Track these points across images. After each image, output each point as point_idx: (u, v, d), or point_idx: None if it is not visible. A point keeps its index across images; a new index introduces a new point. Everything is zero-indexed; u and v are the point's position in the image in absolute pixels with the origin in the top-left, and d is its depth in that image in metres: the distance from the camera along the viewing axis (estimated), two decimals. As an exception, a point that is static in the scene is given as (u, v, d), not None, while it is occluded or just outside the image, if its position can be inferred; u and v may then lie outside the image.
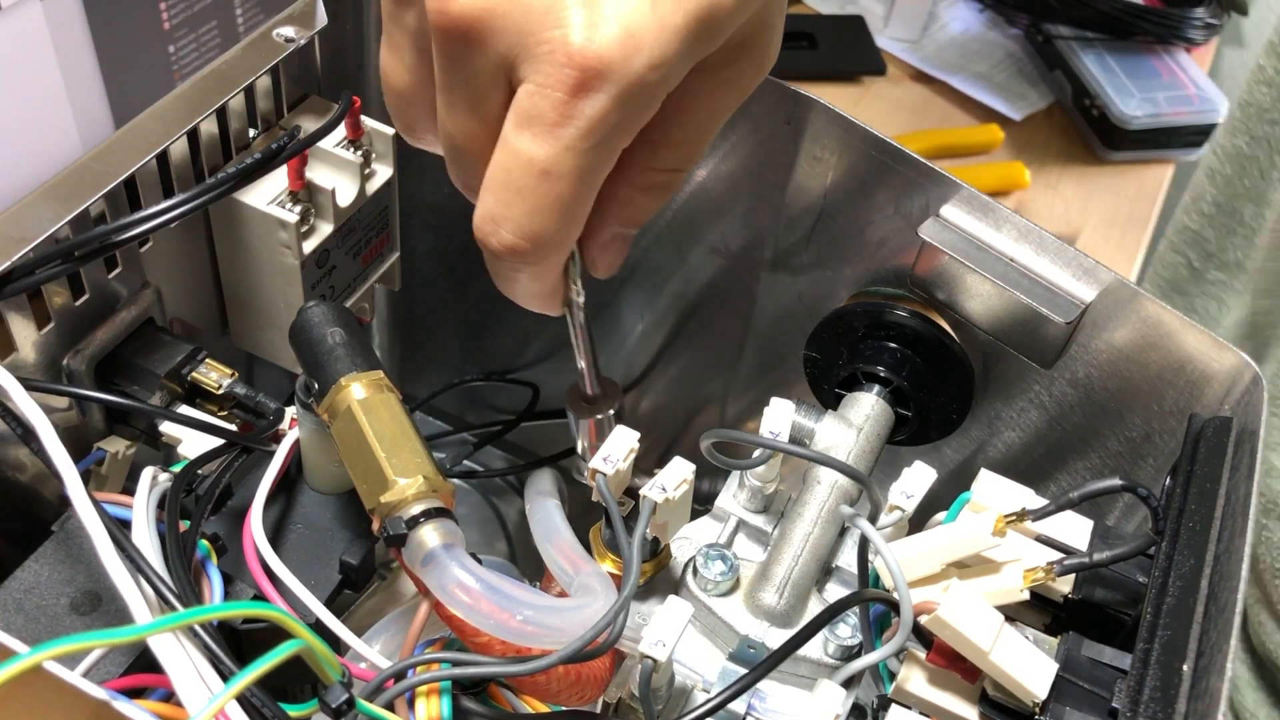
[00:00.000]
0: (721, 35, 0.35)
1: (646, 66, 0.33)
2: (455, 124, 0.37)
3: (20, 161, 0.53)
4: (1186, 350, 0.44)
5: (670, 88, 0.35)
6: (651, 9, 0.33)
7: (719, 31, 0.35)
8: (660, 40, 0.33)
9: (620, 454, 0.41)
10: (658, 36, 0.33)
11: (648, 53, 0.33)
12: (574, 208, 0.36)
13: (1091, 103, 1.02)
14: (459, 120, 0.36)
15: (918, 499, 0.42)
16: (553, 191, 0.35)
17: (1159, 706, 0.33)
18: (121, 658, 0.37)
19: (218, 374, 0.47)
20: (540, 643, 0.36)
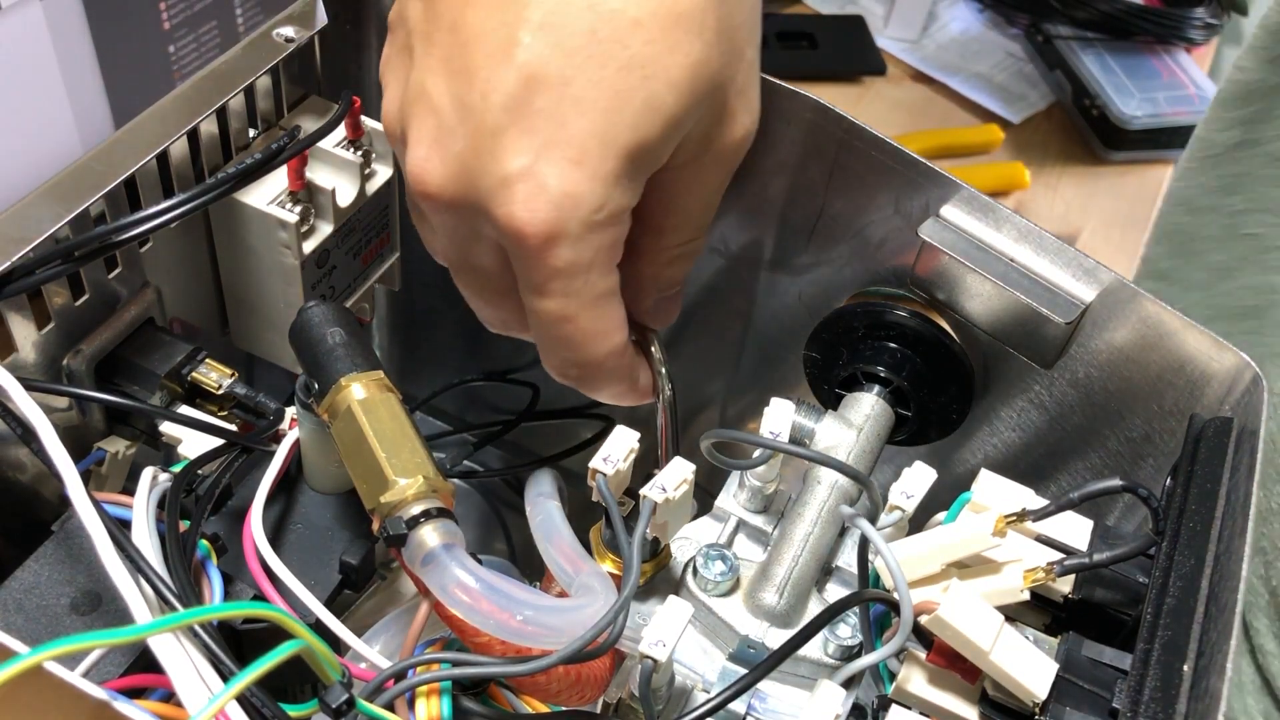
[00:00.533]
0: (660, 156, 0.39)
1: (589, 214, 0.38)
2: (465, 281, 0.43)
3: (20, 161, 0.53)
4: (1186, 350, 0.44)
5: (625, 210, 0.39)
6: (581, 166, 0.37)
7: (655, 157, 0.39)
8: (595, 190, 0.37)
9: (620, 454, 0.41)
10: (591, 188, 0.37)
11: (587, 204, 0.37)
12: (604, 325, 0.41)
13: (1091, 103, 1.02)
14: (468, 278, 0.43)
15: (918, 499, 0.42)
16: (579, 328, 0.41)
17: (1159, 707, 0.33)
18: (121, 658, 0.37)
19: (218, 374, 0.47)
20: (540, 643, 0.36)
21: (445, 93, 0.38)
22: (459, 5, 0.38)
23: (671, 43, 0.37)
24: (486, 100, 0.37)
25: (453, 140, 0.38)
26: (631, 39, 0.37)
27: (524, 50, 0.37)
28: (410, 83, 0.40)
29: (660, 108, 0.38)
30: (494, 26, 0.37)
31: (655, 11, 0.37)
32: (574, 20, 0.37)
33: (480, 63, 0.37)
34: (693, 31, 0.38)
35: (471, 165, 0.38)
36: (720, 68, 0.39)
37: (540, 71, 0.37)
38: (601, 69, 0.37)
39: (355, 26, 0.54)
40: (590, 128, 0.37)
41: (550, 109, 0.37)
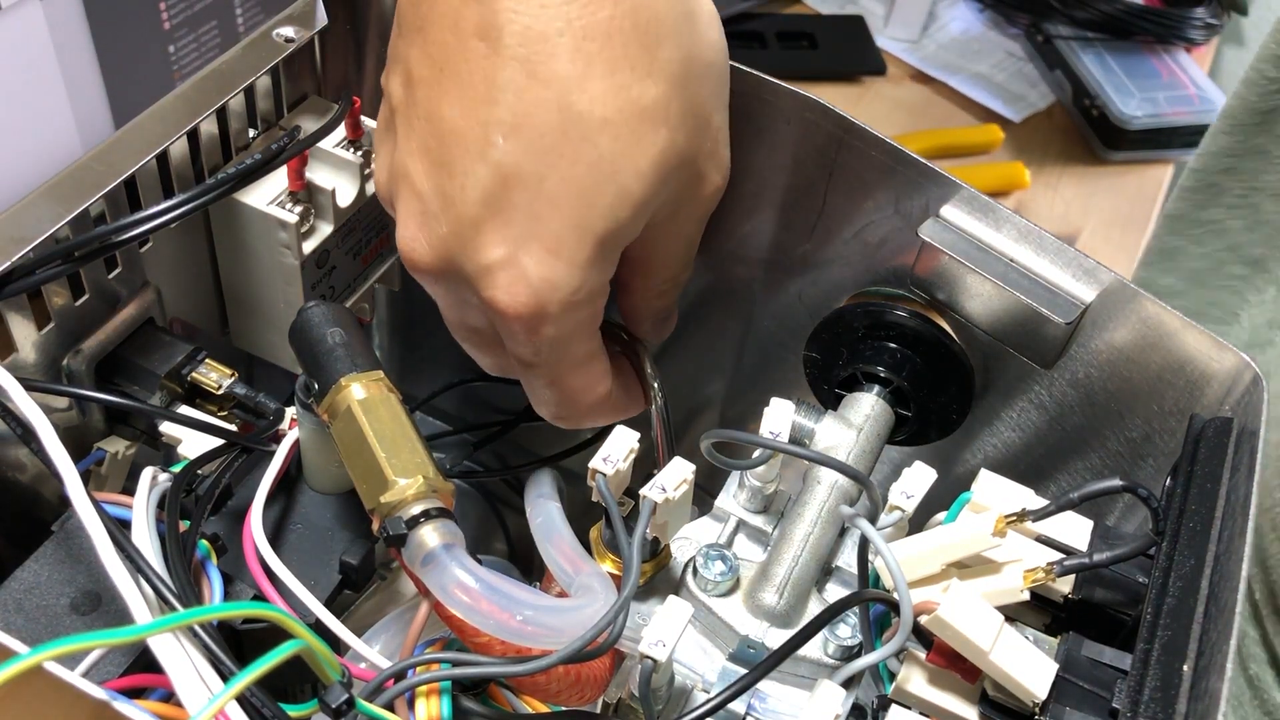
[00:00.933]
0: (633, 234, 0.41)
1: (568, 296, 0.40)
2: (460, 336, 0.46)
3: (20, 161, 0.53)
4: (1186, 350, 0.43)
5: (602, 286, 0.41)
6: (558, 255, 0.39)
7: (627, 236, 0.41)
8: (572, 275, 0.40)
9: (620, 454, 0.41)
10: (569, 273, 0.39)
11: (566, 287, 0.40)
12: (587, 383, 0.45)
13: (1091, 103, 1.02)
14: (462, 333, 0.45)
15: (918, 499, 0.42)
16: (564, 388, 0.44)
17: (1159, 707, 0.33)
18: (121, 658, 0.37)
19: (218, 374, 0.47)
20: (540, 643, 0.36)
21: (426, 179, 0.40)
22: (434, 97, 0.39)
23: (638, 137, 0.39)
24: (465, 194, 0.39)
25: (437, 225, 0.40)
26: (600, 137, 0.38)
27: (498, 150, 0.38)
28: (395, 161, 0.42)
29: (629, 196, 0.40)
30: (469, 124, 0.39)
31: (621, 108, 0.39)
32: (545, 121, 0.38)
33: (457, 157, 0.39)
34: (658, 122, 0.39)
35: (455, 250, 0.40)
36: (686, 147, 0.41)
37: (515, 170, 0.38)
38: (573, 167, 0.39)
39: (355, 26, 0.54)
40: (565, 220, 0.39)
41: (526, 205, 0.39)
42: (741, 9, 1.07)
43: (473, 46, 0.38)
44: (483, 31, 0.38)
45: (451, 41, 0.39)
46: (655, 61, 0.39)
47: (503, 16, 0.38)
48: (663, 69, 0.39)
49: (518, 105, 0.38)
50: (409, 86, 0.41)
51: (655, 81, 0.39)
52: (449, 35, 0.39)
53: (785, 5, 1.12)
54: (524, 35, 0.38)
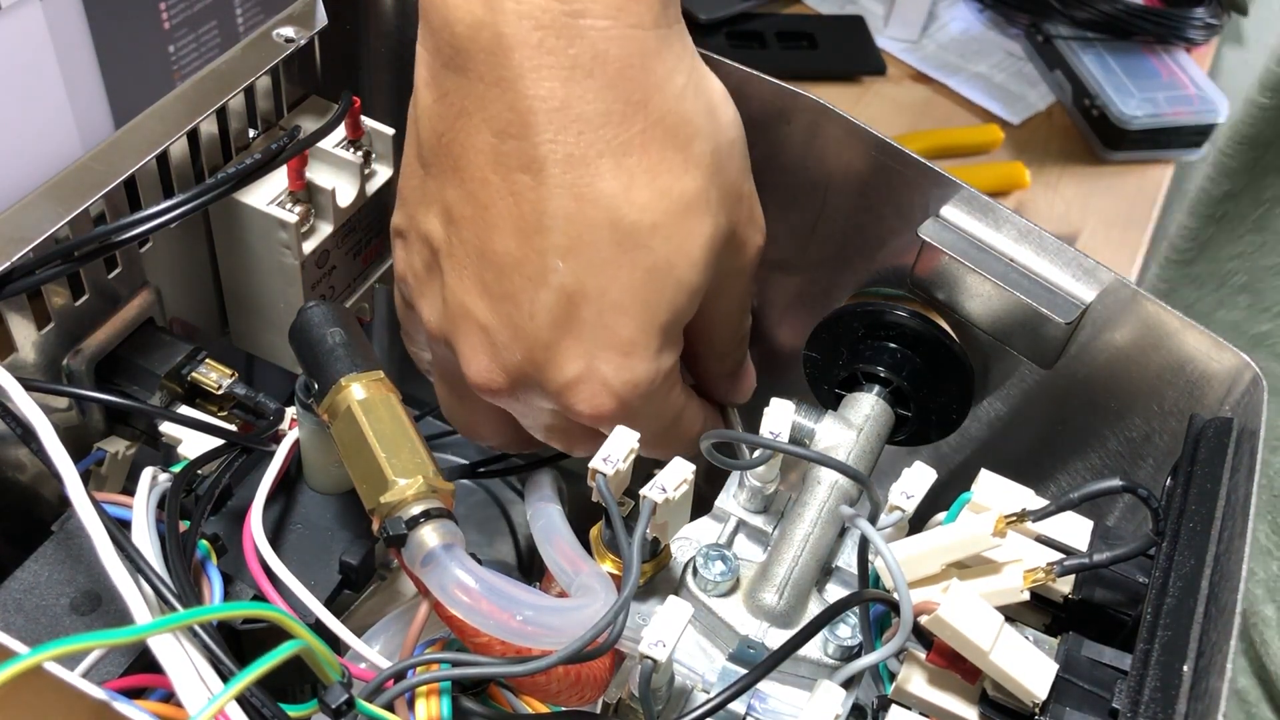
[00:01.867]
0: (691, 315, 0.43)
1: (648, 388, 0.42)
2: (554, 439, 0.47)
3: (20, 161, 0.53)
4: (1186, 350, 0.43)
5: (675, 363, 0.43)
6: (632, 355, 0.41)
7: (687, 319, 0.43)
8: (648, 368, 0.42)
9: (620, 454, 0.41)
10: (645, 368, 0.41)
11: (645, 382, 0.42)
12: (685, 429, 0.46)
13: (1091, 103, 1.02)
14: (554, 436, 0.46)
15: (918, 499, 0.42)
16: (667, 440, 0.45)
17: (1159, 707, 0.33)
18: (121, 658, 0.37)
19: (218, 374, 0.47)
20: (540, 643, 0.36)
21: (490, 313, 0.41)
22: (483, 233, 0.41)
23: (687, 230, 0.41)
24: (535, 320, 0.41)
25: (509, 354, 0.42)
26: (653, 241, 0.40)
27: (559, 274, 0.40)
28: (449, 302, 0.43)
29: (687, 285, 0.42)
30: (525, 254, 0.40)
31: (668, 210, 0.40)
32: (599, 238, 0.40)
33: (520, 286, 0.40)
34: (702, 212, 0.41)
35: (530, 373, 0.42)
36: (727, 224, 0.43)
37: (578, 289, 0.40)
38: (632, 274, 0.40)
39: (355, 26, 0.54)
40: (633, 323, 0.41)
41: (594, 318, 0.41)
42: (741, 9, 1.07)
43: (517, 180, 0.40)
44: (525, 166, 0.39)
45: (494, 179, 0.40)
46: (690, 158, 0.41)
47: (544, 149, 0.39)
48: (697, 163, 0.41)
49: (570, 229, 0.40)
50: (452, 226, 0.42)
51: (693, 176, 0.41)
52: (490, 174, 0.40)
53: (785, 5, 1.12)
54: (567, 163, 0.39)
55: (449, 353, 0.44)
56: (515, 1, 0.38)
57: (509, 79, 0.39)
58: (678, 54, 0.41)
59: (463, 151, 0.41)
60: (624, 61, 0.39)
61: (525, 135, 0.39)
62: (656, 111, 0.40)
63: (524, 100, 0.39)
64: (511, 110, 0.39)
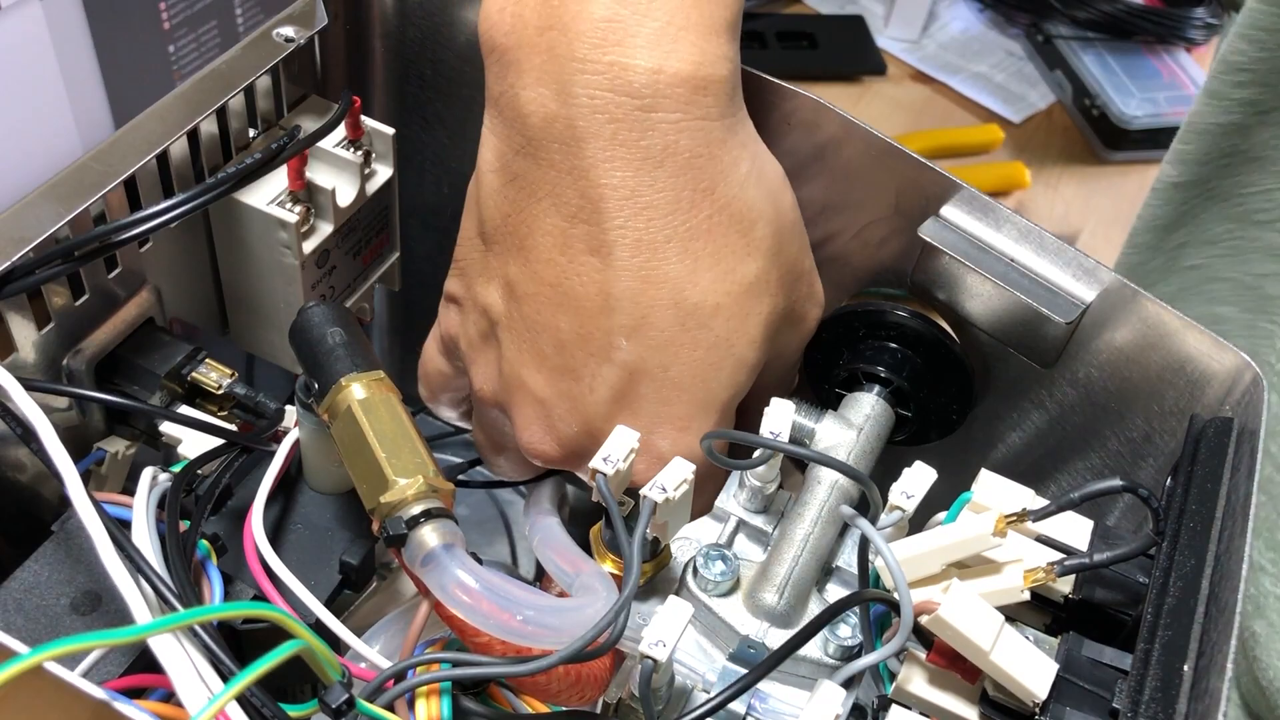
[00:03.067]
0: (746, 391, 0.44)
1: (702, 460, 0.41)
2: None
3: (20, 161, 0.53)
4: (1186, 350, 0.43)
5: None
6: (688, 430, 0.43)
7: (743, 395, 0.44)
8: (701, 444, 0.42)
9: (620, 454, 0.41)
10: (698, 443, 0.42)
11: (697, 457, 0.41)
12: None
13: (1091, 103, 1.02)
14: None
15: (918, 499, 0.42)
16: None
17: (1159, 707, 0.33)
18: (121, 658, 0.37)
19: (218, 374, 0.47)
20: (541, 643, 0.36)
21: (547, 386, 0.43)
22: (547, 311, 0.42)
23: (747, 312, 0.42)
24: (594, 394, 0.42)
25: (565, 426, 0.43)
26: (714, 322, 0.42)
27: (623, 352, 0.42)
28: (506, 373, 0.44)
29: (745, 363, 0.43)
30: (590, 331, 0.42)
31: (730, 291, 0.42)
32: (662, 319, 0.41)
33: (582, 361, 0.42)
34: (762, 293, 0.43)
35: (585, 443, 0.43)
36: (786, 303, 0.44)
37: (640, 366, 0.42)
38: (693, 353, 0.42)
39: (355, 26, 0.54)
40: (691, 401, 0.42)
41: (653, 394, 0.42)
42: (741, 9, 1.07)
43: (584, 262, 0.41)
44: (594, 249, 0.41)
45: (561, 260, 0.41)
46: (752, 242, 0.42)
47: (613, 234, 0.40)
48: (759, 246, 0.42)
49: (635, 310, 0.41)
50: (514, 301, 0.43)
51: (755, 259, 0.42)
52: (558, 255, 0.41)
53: (785, 5, 1.12)
54: (635, 248, 0.40)
55: (501, 418, 0.46)
56: (589, 96, 0.39)
57: (582, 168, 0.40)
58: (742, 142, 0.42)
59: (529, 232, 0.42)
60: (693, 152, 0.40)
61: (595, 221, 0.40)
62: (722, 199, 0.41)
63: (596, 188, 0.40)
64: (583, 197, 0.40)
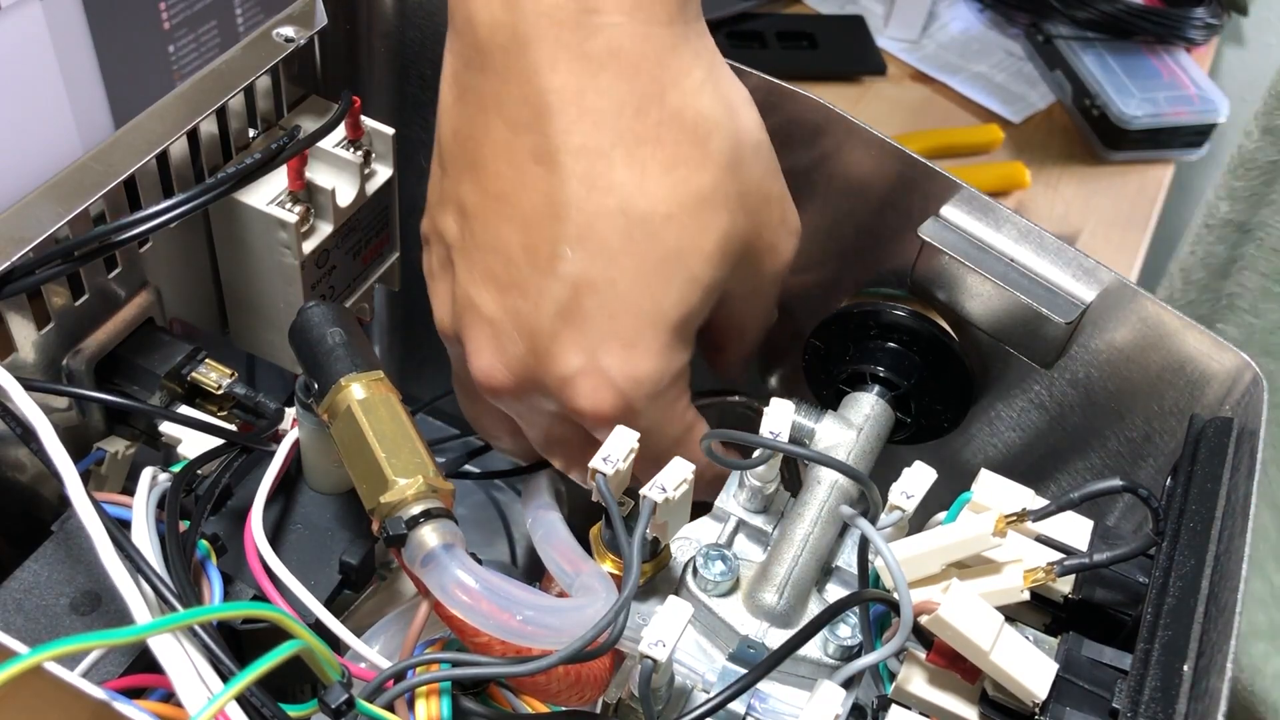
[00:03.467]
0: (703, 316, 0.42)
1: (653, 388, 0.41)
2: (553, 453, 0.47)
3: (20, 161, 0.53)
4: (1186, 350, 0.43)
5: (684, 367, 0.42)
6: (636, 348, 0.40)
7: (698, 319, 0.42)
8: (654, 366, 0.41)
9: (620, 454, 0.41)
10: (650, 365, 0.41)
11: (649, 380, 0.41)
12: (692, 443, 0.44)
13: (1091, 103, 1.02)
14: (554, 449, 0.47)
15: (918, 499, 0.42)
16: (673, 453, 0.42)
17: (1159, 707, 0.33)
18: (121, 658, 0.37)
19: (218, 374, 0.47)
20: (540, 643, 0.36)
21: (495, 304, 0.41)
22: (494, 225, 0.41)
23: (701, 224, 0.40)
24: (540, 309, 0.40)
25: (512, 346, 0.42)
26: (665, 233, 0.40)
27: (568, 263, 0.40)
28: (458, 295, 0.43)
29: (698, 281, 0.41)
30: (536, 243, 0.40)
31: (682, 202, 0.40)
32: (609, 228, 0.40)
33: (528, 276, 0.40)
34: (718, 207, 0.41)
35: (532, 366, 0.42)
36: (748, 226, 0.42)
37: (586, 278, 0.40)
38: (641, 264, 0.40)
39: (355, 26, 0.54)
40: (639, 316, 0.40)
41: (600, 309, 0.40)
42: (741, 9, 1.07)
43: (531, 172, 0.40)
44: (539, 157, 0.40)
45: (508, 173, 0.40)
46: (708, 154, 0.41)
47: (558, 140, 0.39)
48: (715, 159, 0.41)
49: (580, 218, 0.40)
50: (466, 221, 0.42)
51: (710, 171, 0.41)
52: (505, 167, 0.40)
53: (785, 5, 1.12)
54: (580, 153, 0.39)
55: (460, 350, 0.44)
56: (534, 2, 0.38)
57: (526, 74, 0.39)
58: (695, 51, 0.41)
59: (478, 146, 0.41)
60: (640, 55, 0.39)
61: (540, 128, 0.39)
62: (673, 106, 0.40)
63: (540, 94, 0.39)
64: (527, 103, 0.39)
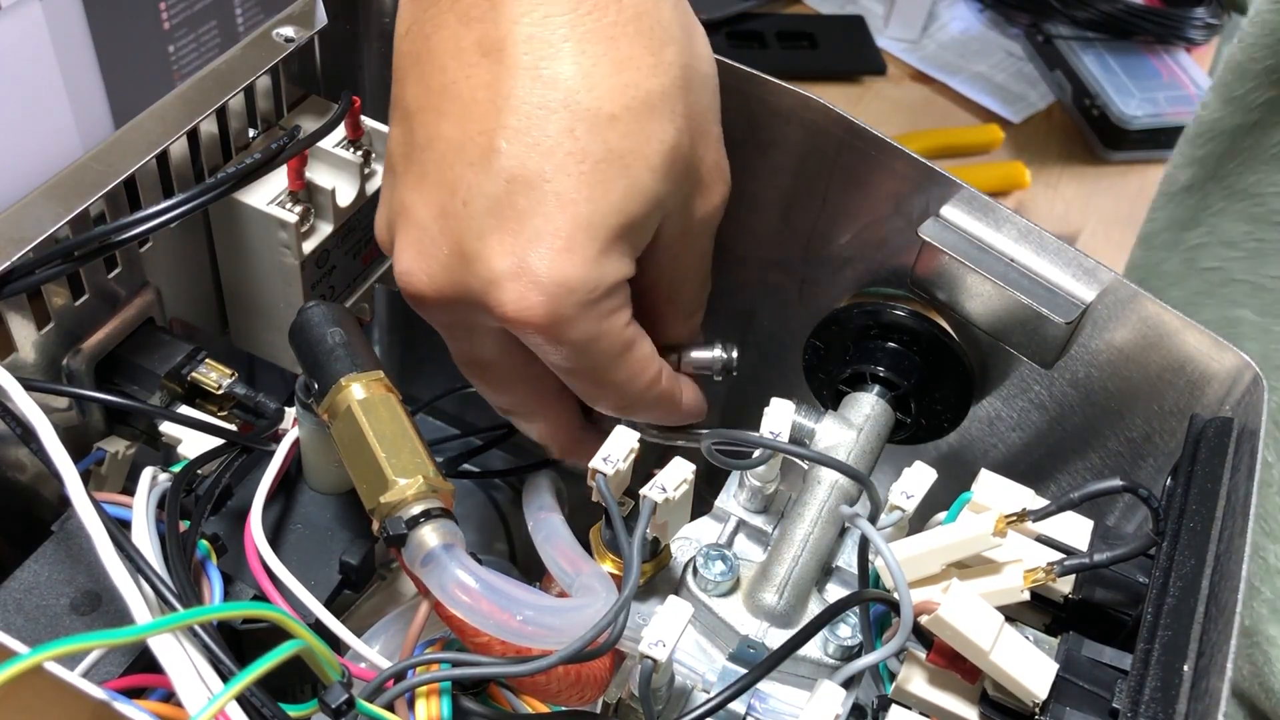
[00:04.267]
0: (646, 233, 0.40)
1: (585, 296, 0.38)
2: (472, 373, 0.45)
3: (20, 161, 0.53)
4: (1186, 350, 0.43)
5: (619, 282, 0.40)
6: (570, 253, 0.38)
7: (641, 234, 0.40)
8: (587, 273, 0.38)
9: (620, 454, 0.41)
10: (583, 272, 0.38)
11: (581, 288, 0.38)
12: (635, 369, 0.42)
13: (1091, 103, 1.02)
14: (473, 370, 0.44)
15: (918, 499, 0.42)
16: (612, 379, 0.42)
17: (1159, 707, 0.33)
18: (121, 658, 0.37)
19: (218, 374, 0.47)
20: (540, 643, 0.36)
21: (425, 204, 0.39)
22: (433, 121, 0.39)
23: (647, 132, 0.39)
24: (469, 206, 0.38)
25: (437, 249, 0.39)
26: (608, 132, 0.38)
27: (503, 156, 0.38)
28: (393, 201, 0.41)
29: (640, 189, 0.39)
30: (472, 135, 0.38)
31: (629, 105, 0.38)
32: (550, 121, 0.38)
33: (460, 172, 0.38)
34: (665, 118, 0.39)
35: (458, 270, 0.39)
36: (691, 149, 0.41)
37: (521, 173, 0.38)
38: (580, 163, 0.38)
39: (355, 26, 0.54)
40: (575, 218, 0.38)
41: (532, 206, 0.38)
42: (741, 9, 1.07)
43: (476, 64, 0.38)
44: (486, 48, 0.38)
45: (451, 65, 0.39)
46: (660, 63, 0.39)
47: (506, 29, 0.38)
48: (667, 70, 0.39)
49: (522, 109, 0.38)
50: (407, 123, 0.40)
51: (661, 79, 0.39)
52: (450, 60, 0.39)
53: (785, 5, 1.12)
54: (529, 44, 0.38)
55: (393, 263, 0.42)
56: None
57: None
58: None
59: (426, 42, 0.39)
60: None
61: (491, 19, 0.38)
62: (631, 9, 0.39)
63: None
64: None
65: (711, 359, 0.48)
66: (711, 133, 0.43)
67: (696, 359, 0.48)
